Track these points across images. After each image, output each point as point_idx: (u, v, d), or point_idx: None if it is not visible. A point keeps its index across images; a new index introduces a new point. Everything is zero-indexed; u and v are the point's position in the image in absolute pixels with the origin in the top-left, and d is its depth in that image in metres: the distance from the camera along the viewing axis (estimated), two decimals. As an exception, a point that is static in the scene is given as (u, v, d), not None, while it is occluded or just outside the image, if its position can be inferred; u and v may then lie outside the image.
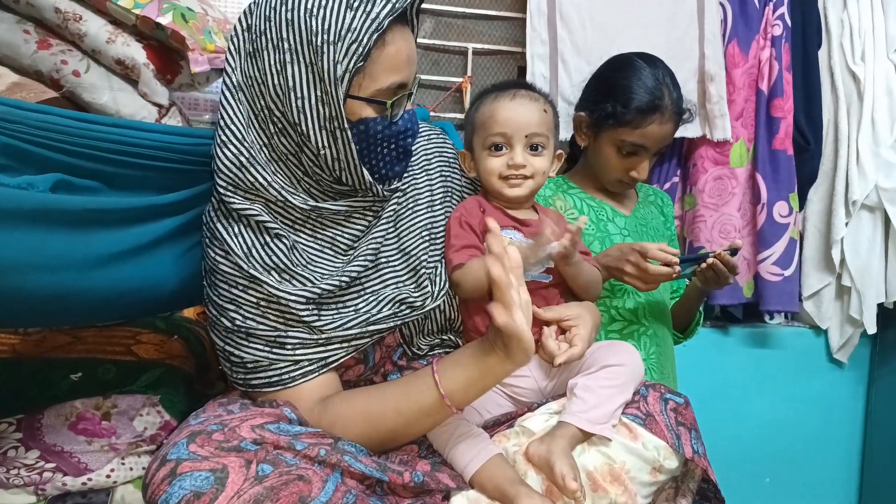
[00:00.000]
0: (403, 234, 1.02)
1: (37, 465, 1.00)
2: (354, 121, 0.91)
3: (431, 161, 1.10)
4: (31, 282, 0.80)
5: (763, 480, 2.18)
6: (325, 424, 0.89)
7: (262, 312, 0.92)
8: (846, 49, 2.03)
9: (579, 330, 0.98)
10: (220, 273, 0.93)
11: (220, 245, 0.93)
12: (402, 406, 0.89)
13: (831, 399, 2.21)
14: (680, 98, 1.29)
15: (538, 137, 1.04)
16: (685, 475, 0.98)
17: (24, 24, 1.19)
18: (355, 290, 0.97)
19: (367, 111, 0.91)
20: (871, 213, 2.06)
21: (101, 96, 1.20)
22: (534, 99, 1.06)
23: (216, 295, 0.94)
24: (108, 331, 1.18)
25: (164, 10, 1.20)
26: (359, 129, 0.92)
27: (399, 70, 0.91)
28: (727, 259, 1.22)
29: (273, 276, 0.91)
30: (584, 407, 0.91)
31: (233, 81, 0.92)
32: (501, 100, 1.05)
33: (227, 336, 0.94)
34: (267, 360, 0.92)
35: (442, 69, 2.03)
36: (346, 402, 0.91)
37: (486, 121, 1.05)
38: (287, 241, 0.93)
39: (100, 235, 0.88)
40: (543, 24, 1.85)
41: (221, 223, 0.93)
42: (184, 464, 0.72)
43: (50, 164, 0.90)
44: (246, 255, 0.91)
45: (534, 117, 1.03)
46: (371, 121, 0.91)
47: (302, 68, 0.87)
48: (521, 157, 1.03)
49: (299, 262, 0.94)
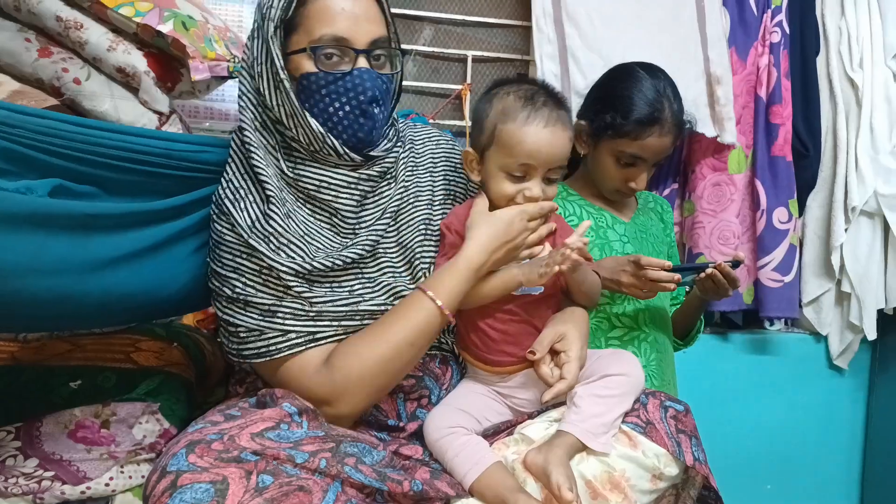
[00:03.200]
0: (403, 228, 1.05)
1: (35, 473, 0.99)
2: (298, 76, 0.96)
3: (437, 164, 1.13)
4: (30, 286, 0.81)
5: (764, 487, 2.18)
6: (339, 384, 0.92)
7: (263, 280, 0.96)
8: (844, 56, 2.03)
9: (570, 357, 0.96)
10: (226, 244, 0.98)
11: (226, 219, 0.98)
12: (411, 335, 0.93)
13: (832, 405, 2.21)
14: (681, 110, 1.29)
15: (559, 170, 1.01)
16: (686, 483, 0.98)
17: (26, 32, 1.20)
18: (353, 273, 0.99)
19: (308, 65, 0.96)
20: (870, 220, 2.06)
21: (102, 104, 1.20)
22: (565, 127, 1.00)
23: (220, 266, 0.99)
24: (108, 338, 1.17)
25: (164, 18, 1.21)
26: (302, 85, 0.97)
27: (331, 22, 0.94)
28: (727, 271, 1.22)
29: (271, 243, 0.95)
30: (584, 416, 0.91)
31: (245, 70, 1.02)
32: (534, 125, 0.97)
33: (228, 306, 0.98)
34: (259, 329, 0.95)
35: (441, 77, 2.04)
36: (354, 355, 0.93)
37: (513, 145, 0.97)
38: (282, 209, 0.97)
39: (99, 240, 0.89)
40: (550, 24, 1.84)
41: (229, 199, 0.99)
42: (184, 476, 0.72)
43: (49, 168, 0.90)
44: (249, 227, 0.96)
45: (563, 151, 0.99)
46: (312, 75, 0.96)
47: (258, 37, 0.97)
48: (538, 190, 0.99)
49: (295, 231, 0.97)
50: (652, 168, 1.32)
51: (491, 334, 1.01)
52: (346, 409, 0.94)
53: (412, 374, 1.01)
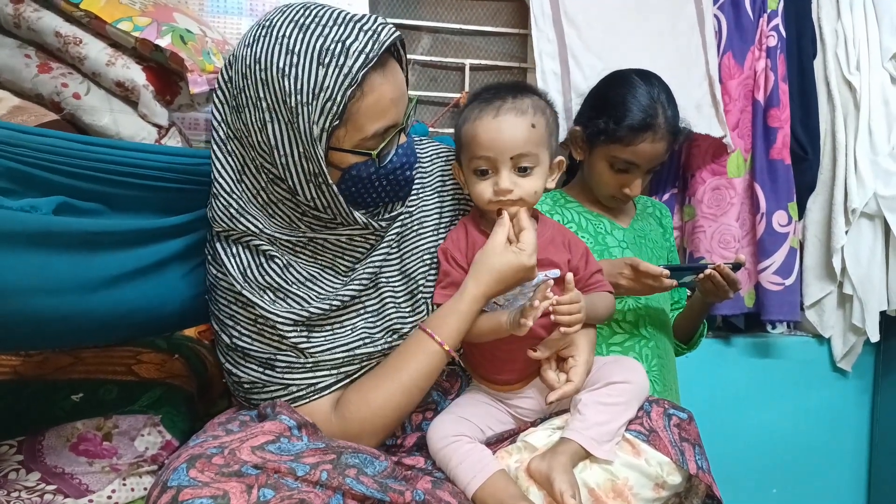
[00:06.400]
0: (406, 256, 1.02)
1: (38, 487, 0.99)
2: (344, 167, 0.91)
3: (446, 183, 1.09)
4: (34, 305, 0.80)
5: (770, 491, 2.16)
6: (352, 433, 0.91)
7: (259, 330, 0.93)
8: (841, 59, 2.04)
9: (577, 361, 0.96)
10: (220, 290, 0.96)
11: (218, 267, 0.95)
12: (419, 380, 0.93)
13: (836, 408, 2.20)
14: (675, 116, 1.29)
15: (525, 158, 0.95)
16: (689, 491, 0.98)
17: (26, 48, 1.21)
18: (354, 310, 0.98)
19: (356, 157, 0.91)
20: (870, 221, 2.06)
21: (102, 118, 1.21)
22: (520, 113, 0.95)
23: (217, 310, 0.97)
24: (109, 351, 1.18)
25: (162, 32, 1.21)
26: (349, 175, 0.92)
27: (382, 116, 0.89)
28: (727, 272, 1.22)
29: (268, 295, 0.92)
30: (588, 424, 0.91)
31: (220, 135, 0.92)
32: (484, 117, 0.95)
33: (227, 354, 0.97)
34: (261, 382, 0.94)
35: (440, 85, 2.05)
36: (365, 404, 0.92)
37: (470, 142, 0.97)
38: (282, 261, 0.94)
39: (102, 258, 0.89)
40: (549, 24, 1.83)
41: (221, 243, 0.95)
42: (185, 491, 0.72)
43: (52, 186, 0.90)
44: (242, 275, 0.93)
45: (519, 137, 0.94)
46: (361, 165, 0.91)
47: (282, 126, 0.87)
48: (508, 182, 0.94)
49: (294, 281, 0.95)
50: (647, 174, 1.32)
51: (498, 355, 1.00)
52: None
53: None
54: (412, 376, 0.93)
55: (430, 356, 0.93)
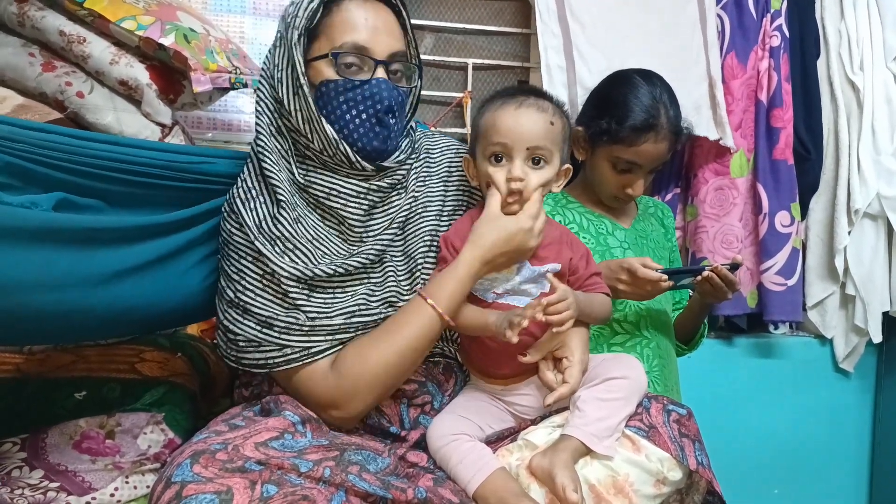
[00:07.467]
0: (409, 238, 1.05)
1: (41, 484, 1.00)
2: (317, 83, 0.98)
3: (452, 174, 1.13)
4: (35, 300, 0.81)
5: (771, 492, 2.16)
6: (347, 389, 0.93)
7: (263, 286, 0.96)
8: (845, 59, 2.03)
9: (571, 361, 0.97)
10: (234, 244, 0.99)
11: (235, 218, 1.00)
12: (414, 341, 0.95)
13: (838, 409, 2.19)
14: (677, 117, 1.29)
15: (540, 151, 0.98)
16: (689, 488, 0.98)
17: (30, 46, 1.21)
18: (358, 278, 1.00)
19: (328, 72, 0.97)
20: (873, 222, 2.06)
21: (105, 117, 1.21)
22: (541, 109, 0.99)
23: (227, 265, 1.00)
24: (112, 349, 1.18)
25: (166, 31, 1.22)
26: (320, 91, 0.98)
27: (353, 31, 0.96)
28: (724, 273, 1.22)
29: (277, 246, 0.96)
30: (587, 420, 0.91)
31: (262, 91, 1.02)
32: (506, 108, 0.99)
33: (227, 310, 0.99)
34: (257, 341, 0.96)
35: (442, 85, 2.05)
36: (361, 361, 0.94)
37: (489, 129, 1.00)
38: (292, 213, 0.97)
39: (103, 253, 0.89)
40: (553, 19, 1.83)
41: (240, 199, 1.00)
42: (188, 486, 0.72)
43: (52, 182, 0.91)
44: (257, 227, 0.97)
45: (538, 129, 0.98)
46: (332, 81, 0.97)
47: (283, 49, 0.98)
48: (520, 170, 0.97)
49: (303, 236, 0.97)
50: (649, 174, 1.32)
51: (493, 347, 1.00)
52: (353, 411, 0.95)
53: (415, 379, 1.02)
54: (407, 338, 0.95)
55: (424, 319, 0.95)
